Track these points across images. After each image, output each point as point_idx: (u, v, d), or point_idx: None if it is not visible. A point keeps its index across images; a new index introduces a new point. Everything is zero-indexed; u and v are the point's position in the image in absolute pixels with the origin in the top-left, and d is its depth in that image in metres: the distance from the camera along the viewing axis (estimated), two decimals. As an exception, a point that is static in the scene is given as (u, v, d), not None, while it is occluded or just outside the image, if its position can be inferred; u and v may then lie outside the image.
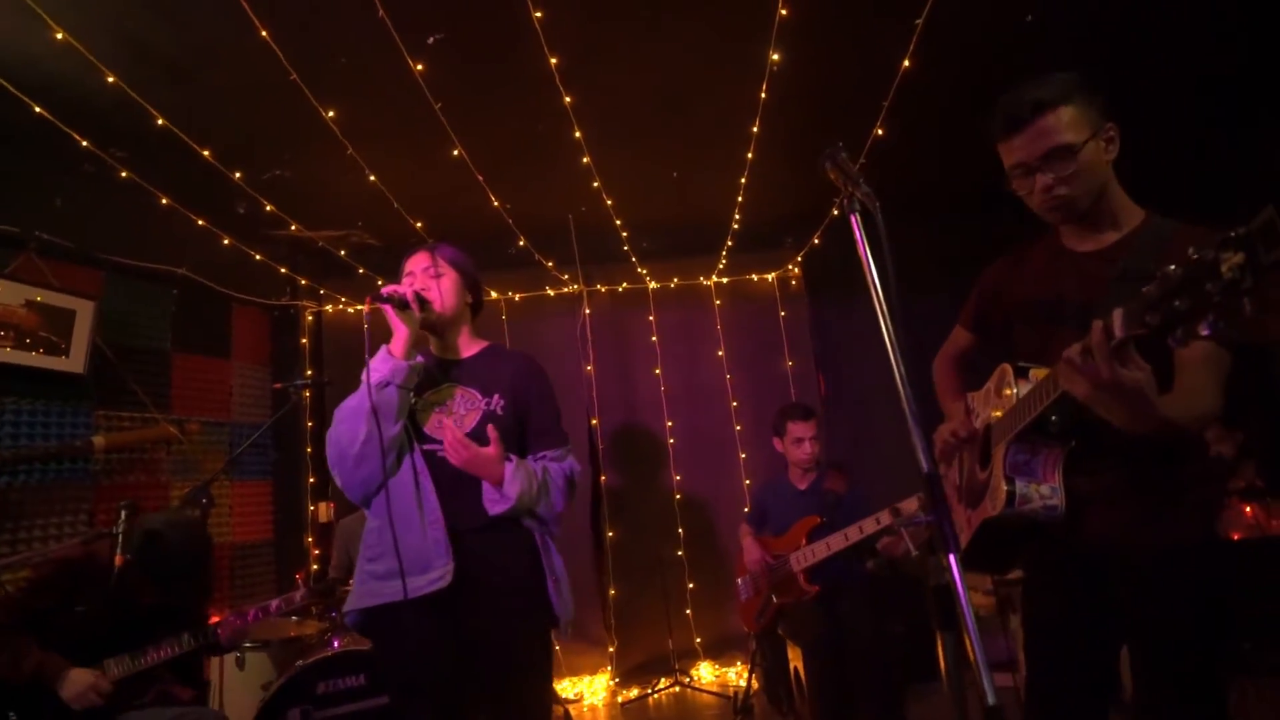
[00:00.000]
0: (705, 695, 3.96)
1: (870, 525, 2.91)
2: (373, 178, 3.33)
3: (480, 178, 3.37)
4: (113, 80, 2.59)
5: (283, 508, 4.23)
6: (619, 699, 4.04)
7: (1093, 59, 3.12)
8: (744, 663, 4.04)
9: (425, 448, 1.84)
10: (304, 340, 4.46)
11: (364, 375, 1.77)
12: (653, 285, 4.74)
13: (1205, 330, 0.92)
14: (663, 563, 4.27)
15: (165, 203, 3.30)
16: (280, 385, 4.17)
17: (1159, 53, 3.15)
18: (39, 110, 2.67)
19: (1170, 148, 3.50)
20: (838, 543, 2.99)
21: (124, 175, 3.06)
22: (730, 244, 4.44)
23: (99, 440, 3.20)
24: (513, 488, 1.78)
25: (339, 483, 1.83)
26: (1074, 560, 1.50)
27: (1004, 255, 1.72)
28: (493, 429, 1.80)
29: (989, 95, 1.51)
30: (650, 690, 4.08)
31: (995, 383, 1.57)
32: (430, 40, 2.61)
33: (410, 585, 1.73)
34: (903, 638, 3.03)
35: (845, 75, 3.06)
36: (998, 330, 1.70)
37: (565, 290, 4.67)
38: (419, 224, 3.79)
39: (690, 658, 4.31)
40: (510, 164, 3.43)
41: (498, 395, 1.90)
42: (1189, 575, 1.39)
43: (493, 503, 1.80)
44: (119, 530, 2.21)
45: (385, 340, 1.84)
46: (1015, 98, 1.44)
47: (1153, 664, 1.43)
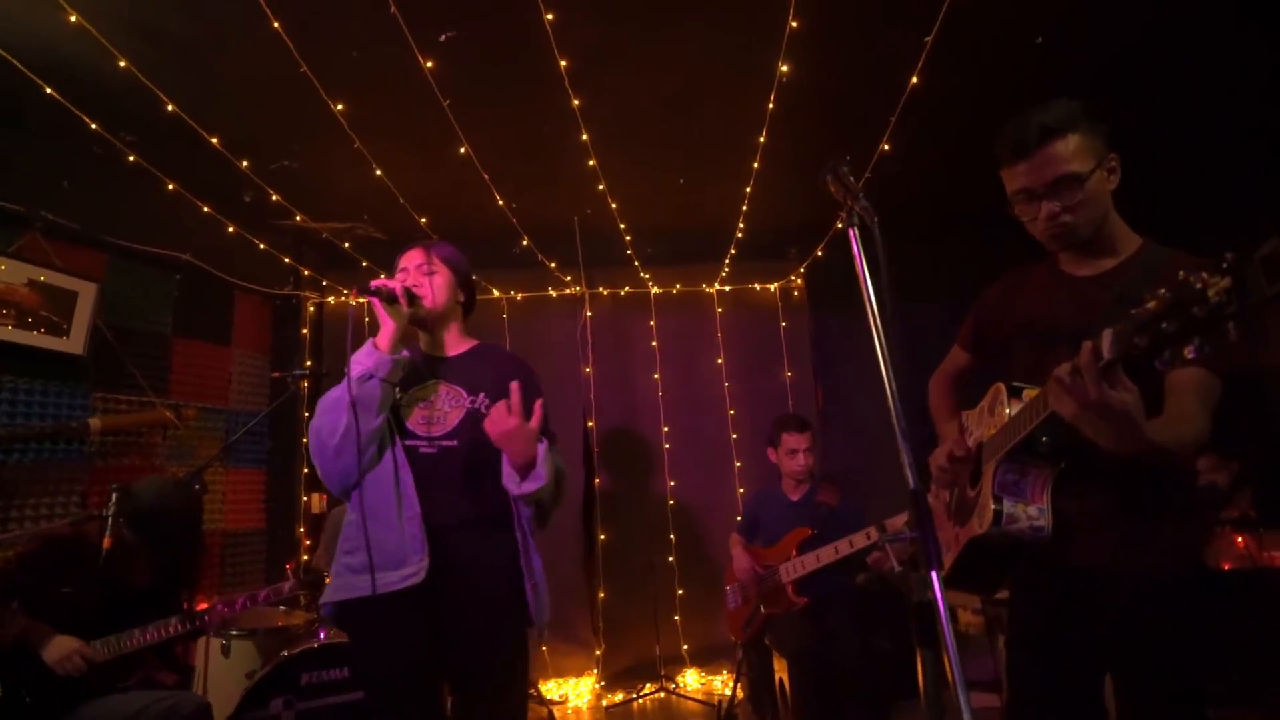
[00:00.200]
0: (690, 702, 3.95)
1: (860, 540, 2.91)
2: (379, 172, 3.35)
3: (486, 176, 3.38)
4: (124, 65, 2.60)
5: (276, 497, 4.23)
6: (604, 702, 4.03)
7: (1102, 85, 3.15)
8: (730, 671, 4.03)
9: (407, 443, 1.84)
10: (304, 331, 4.47)
11: (347, 367, 1.78)
12: (655, 290, 4.74)
13: (1191, 354, 0.92)
14: (653, 568, 4.26)
15: (172, 188, 3.31)
16: (279, 374, 4.19)
17: (1168, 80, 3.16)
18: (50, 92, 2.68)
19: (1177, 176, 3.51)
20: (827, 556, 2.99)
21: (132, 159, 3.08)
22: (734, 252, 4.44)
23: (95, 422, 3.20)
24: (546, 468, 1.77)
25: (320, 474, 1.83)
26: (1060, 583, 1.50)
27: (1002, 276, 1.73)
28: (539, 406, 1.78)
29: (996, 115, 1.51)
30: (635, 695, 4.07)
31: (989, 402, 1.58)
32: (442, 38, 2.62)
33: (384, 580, 1.73)
34: (889, 653, 3.02)
35: (853, 89, 3.06)
36: (994, 351, 1.71)
37: (567, 292, 4.68)
38: (424, 220, 3.80)
39: (677, 664, 4.30)
40: (516, 164, 3.44)
41: (484, 394, 1.90)
42: (1173, 605, 1.39)
43: (514, 483, 1.78)
44: (109, 513, 2.21)
45: (376, 334, 1.85)
46: (1022, 123, 1.43)
47: (1136, 693, 1.43)
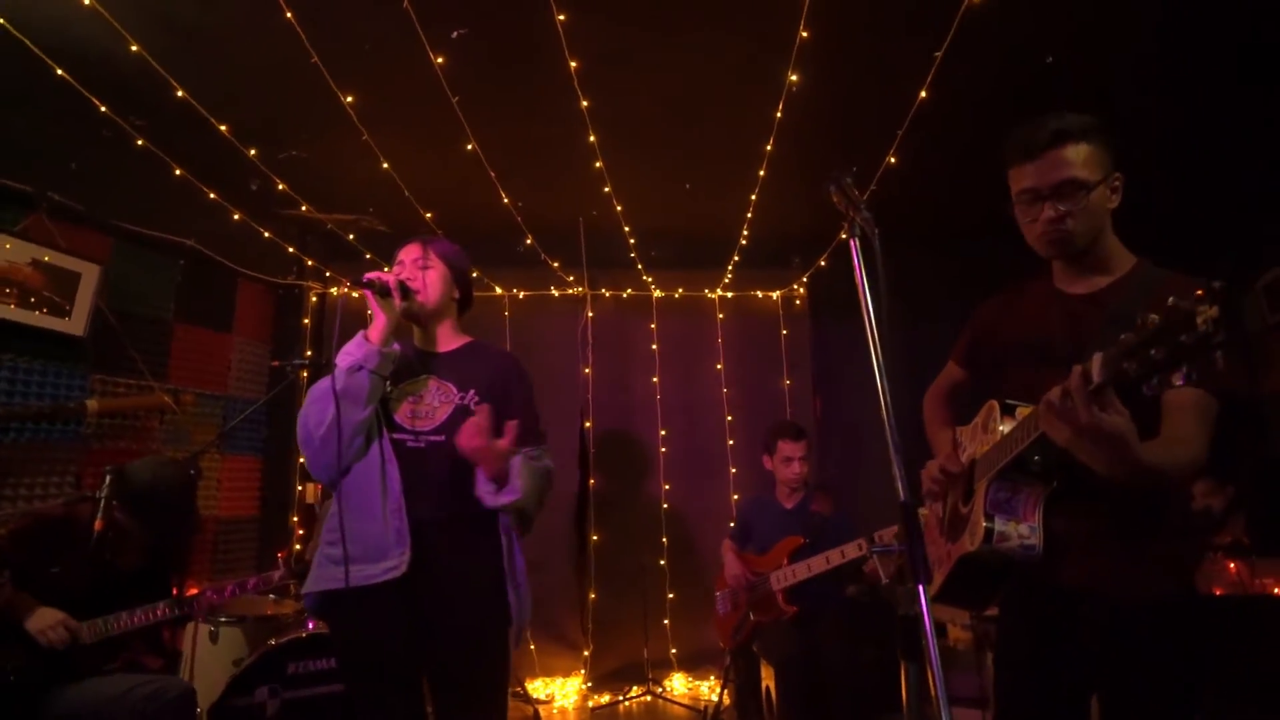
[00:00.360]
0: (676, 707, 3.95)
1: (851, 550, 2.91)
2: (386, 165, 3.35)
3: (492, 174, 3.38)
4: (136, 49, 2.61)
5: (270, 485, 4.24)
6: (590, 703, 4.03)
7: (1110, 106, 3.14)
8: (717, 677, 4.03)
9: (395, 436, 1.84)
10: (306, 320, 4.47)
11: (336, 358, 1.79)
12: (657, 294, 4.74)
13: (1180, 380, 0.91)
14: (644, 571, 4.26)
15: (179, 174, 3.31)
16: (279, 363, 4.20)
17: (1176, 103, 3.16)
18: (61, 73, 2.69)
19: (1181, 202, 3.51)
20: (818, 565, 2.99)
21: (140, 144, 3.08)
22: (737, 259, 4.45)
23: (92, 404, 3.21)
24: (521, 481, 1.77)
25: (307, 463, 1.84)
26: (1050, 602, 1.49)
27: (996, 293, 1.73)
28: (511, 427, 1.75)
29: (1003, 133, 1.52)
30: (622, 697, 4.07)
31: (983, 418, 1.57)
32: (454, 34, 2.63)
33: (364, 573, 1.73)
34: (876, 665, 3.02)
35: (862, 101, 3.07)
36: (987, 367, 1.71)
37: (569, 292, 4.68)
38: (429, 215, 3.80)
39: (664, 668, 4.30)
40: (523, 162, 3.44)
41: (474, 391, 1.90)
42: (1163, 629, 1.38)
43: (489, 494, 1.77)
44: (102, 495, 2.22)
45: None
46: (1036, 125, 1.45)
47: (1123, 715, 1.42)
